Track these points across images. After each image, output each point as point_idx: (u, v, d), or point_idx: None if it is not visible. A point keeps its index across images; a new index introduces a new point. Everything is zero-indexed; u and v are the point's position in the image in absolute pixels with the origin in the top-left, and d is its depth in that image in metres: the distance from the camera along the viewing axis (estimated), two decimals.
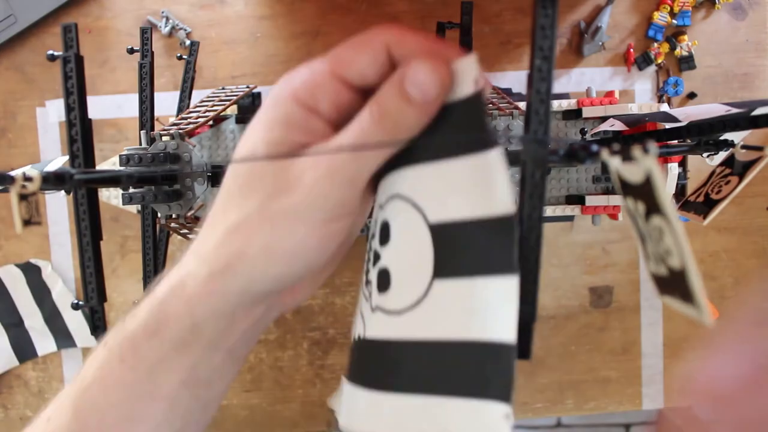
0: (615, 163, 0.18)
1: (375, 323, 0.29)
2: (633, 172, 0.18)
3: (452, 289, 0.24)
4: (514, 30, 0.60)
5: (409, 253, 0.27)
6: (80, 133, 0.32)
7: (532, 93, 0.20)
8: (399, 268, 0.28)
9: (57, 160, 0.47)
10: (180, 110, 0.50)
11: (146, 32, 0.46)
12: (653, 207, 0.17)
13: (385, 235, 0.29)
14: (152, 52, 0.46)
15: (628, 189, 0.19)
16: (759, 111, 0.31)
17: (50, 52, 0.32)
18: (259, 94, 0.54)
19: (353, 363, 0.29)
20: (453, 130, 0.23)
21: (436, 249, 0.25)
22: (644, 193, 0.18)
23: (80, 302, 0.33)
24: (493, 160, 0.22)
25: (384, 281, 0.29)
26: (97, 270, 0.31)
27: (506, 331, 0.22)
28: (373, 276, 0.29)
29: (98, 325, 0.32)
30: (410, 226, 0.26)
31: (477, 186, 0.23)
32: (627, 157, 0.18)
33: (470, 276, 0.24)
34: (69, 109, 0.32)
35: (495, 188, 0.22)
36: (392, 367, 0.27)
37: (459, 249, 0.25)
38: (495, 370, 0.23)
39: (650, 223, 0.18)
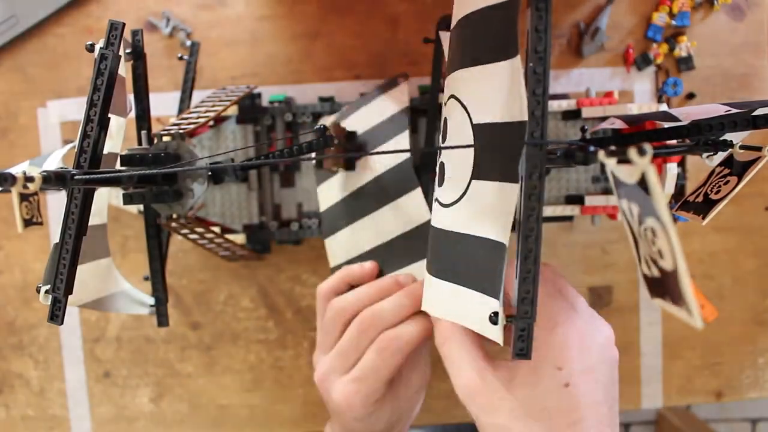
0: (611, 164, 0.19)
1: (434, 213, 0.33)
2: (628, 173, 0.18)
3: (482, 190, 0.27)
4: None
5: (458, 151, 0.30)
6: (95, 130, 0.32)
7: (528, 95, 0.20)
8: (451, 164, 0.31)
9: (56, 154, 0.47)
10: (180, 110, 0.51)
11: (137, 34, 0.45)
12: (647, 208, 0.18)
13: (444, 132, 0.32)
14: (144, 54, 0.46)
15: (622, 189, 0.19)
16: (759, 112, 0.32)
17: (90, 42, 0.32)
18: (259, 95, 0.54)
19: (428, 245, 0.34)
20: (494, 35, 0.25)
21: (476, 150, 0.27)
22: (639, 194, 0.18)
23: (41, 285, 0.33)
24: (515, 67, 0.23)
25: (441, 175, 0.33)
26: (72, 264, 0.31)
27: (503, 233, 0.25)
28: (437, 169, 0.33)
29: (57, 315, 0.32)
30: (460, 125, 0.29)
31: (506, 91, 0.24)
32: (623, 158, 0.18)
33: (494, 180, 0.26)
34: (91, 104, 0.32)
35: (517, 95, 0.23)
36: (439, 253, 0.31)
37: (490, 152, 0.27)
38: (497, 265, 0.25)
39: (644, 224, 0.18)
